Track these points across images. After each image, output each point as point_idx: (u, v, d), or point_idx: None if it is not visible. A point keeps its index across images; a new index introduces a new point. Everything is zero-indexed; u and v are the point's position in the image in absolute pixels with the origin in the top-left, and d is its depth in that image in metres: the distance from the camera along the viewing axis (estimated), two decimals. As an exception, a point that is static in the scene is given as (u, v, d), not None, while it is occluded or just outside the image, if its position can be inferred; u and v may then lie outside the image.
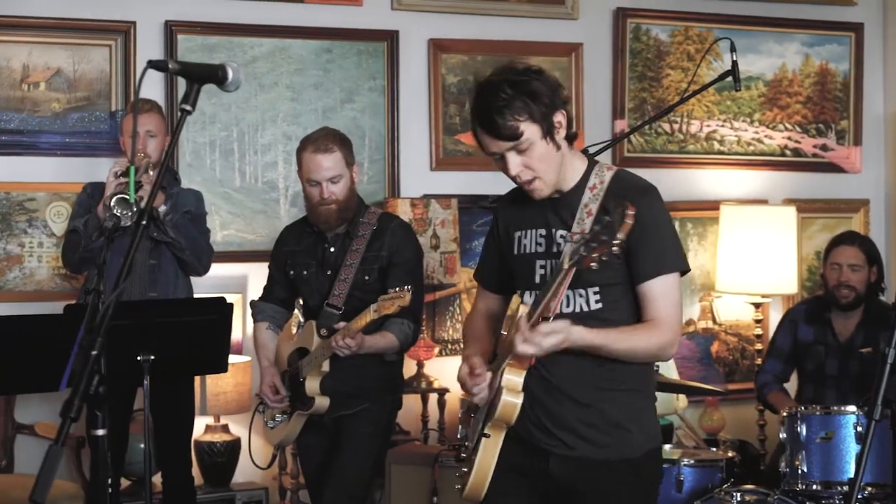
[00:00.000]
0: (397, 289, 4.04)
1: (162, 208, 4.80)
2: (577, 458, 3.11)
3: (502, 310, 3.34)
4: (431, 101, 6.22)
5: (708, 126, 6.72)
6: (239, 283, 5.87)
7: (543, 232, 3.15)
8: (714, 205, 6.56)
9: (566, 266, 2.86)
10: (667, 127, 6.62)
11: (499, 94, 2.96)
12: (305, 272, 4.48)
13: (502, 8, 6.32)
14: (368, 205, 4.62)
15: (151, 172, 4.77)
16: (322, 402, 4.31)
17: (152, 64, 2.27)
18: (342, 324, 4.18)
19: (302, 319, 4.98)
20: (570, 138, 3.11)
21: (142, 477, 5.46)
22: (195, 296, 5.05)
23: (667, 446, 5.17)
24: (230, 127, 5.91)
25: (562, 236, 3.09)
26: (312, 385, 4.32)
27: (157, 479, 5.41)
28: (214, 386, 5.53)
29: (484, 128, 3.02)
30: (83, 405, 2.06)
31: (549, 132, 3.00)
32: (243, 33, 5.93)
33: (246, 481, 5.77)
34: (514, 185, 3.21)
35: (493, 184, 6.19)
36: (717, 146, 6.74)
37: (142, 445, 5.44)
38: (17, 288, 5.62)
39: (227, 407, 5.59)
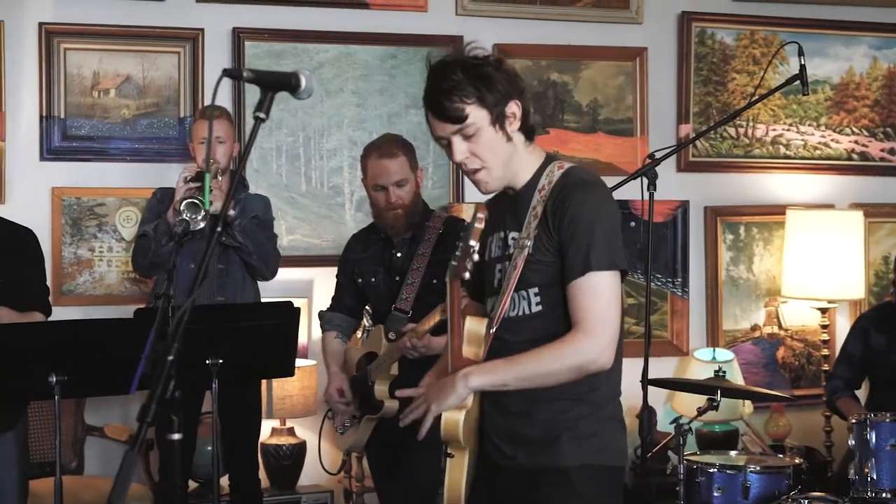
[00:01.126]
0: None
1: (231, 213, 4.85)
2: (516, 467, 2.95)
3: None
4: (489, 106, 6.21)
5: (774, 130, 6.68)
6: (305, 287, 5.92)
7: (502, 235, 3.03)
8: (780, 209, 6.51)
9: (446, 279, 2.87)
10: (732, 131, 6.58)
11: (448, 76, 2.86)
12: (373, 279, 4.49)
13: (567, 13, 6.32)
14: (433, 209, 4.63)
15: (220, 178, 4.83)
16: (391, 406, 4.31)
17: (227, 72, 2.30)
18: (410, 326, 4.19)
19: (367, 323, 5.01)
20: (528, 133, 2.96)
21: (209, 479, 5.51)
22: (262, 300, 5.10)
23: (732, 452, 5.15)
24: (296, 132, 5.96)
25: (513, 238, 2.96)
26: (381, 389, 4.33)
27: (223, 481, 5.47)
28: (280, 390, 5.58)
29: (431, 109, 2.91)
30: (159, 410, 2.07)
31: (498, 120, 2.85)
32: (309, 40, 5.98)
33: (311, 484, 5.81)
34: None
35: (558, 188, 6.25)
36: (783, 150, 6.69)
37: (209, 448, 5.51)
38: (87, 292, 5.70)
39: (293, 410, 5.64)
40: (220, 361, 4.25)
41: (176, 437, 2.12)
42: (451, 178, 6.12)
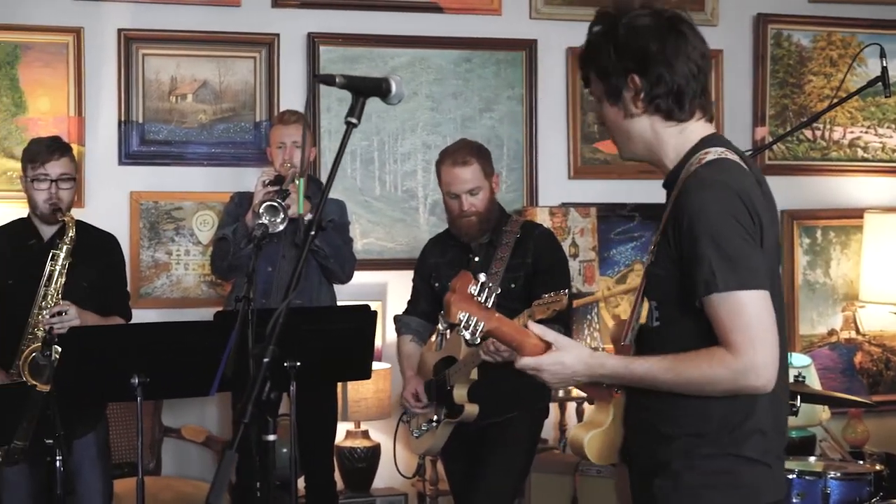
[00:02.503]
0: (553, 293, 3.95)
1: (308, 217, 4.87)
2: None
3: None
4: (570, 110, 6.23)
5: (851, 133, 6.60)
6: (379, 290, 5.94)
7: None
8: (858, 213, 6.44)
9: None
10: (809, 134, 6.52)
11: (587, 41, 2.65)
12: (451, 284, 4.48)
13: (641, 15, 6.28)
14: (510, 214, 4.62)
15: (297, 182, 4.86)
16: (471, 410, 4.31)
17: (319, 78, 2.33)
18: None
19: (440, 327, 5.00)
20: (668, 112, 2.57)
21: (285, 481, 5.54)
22: (337, 304, 5.12)
23: (811, 458, 5.09)
24: (371, 136, 5.98)
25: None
26: (461, 393, 4.32)
27: (300, 483, 5.50)
28: (355, 392, 5.60)
29: None
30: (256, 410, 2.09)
31: (611, 95, 2.59)
32: (383, 44, 6.01)
33: (385, 487, 5.82)
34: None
35: (632, 192, 6.23)
36: (860, 153, 6.61)
37: (285, 450, 5.55)
38: (165, 295, 5.77)
39: (368, 413, 5.66)
40: (298, 364, 4.27)
41: (272, 437, 2.12)
42: (525, 181, 6.11)
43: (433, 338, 4.89)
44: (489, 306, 2.65)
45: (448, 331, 4.59)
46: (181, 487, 5.41)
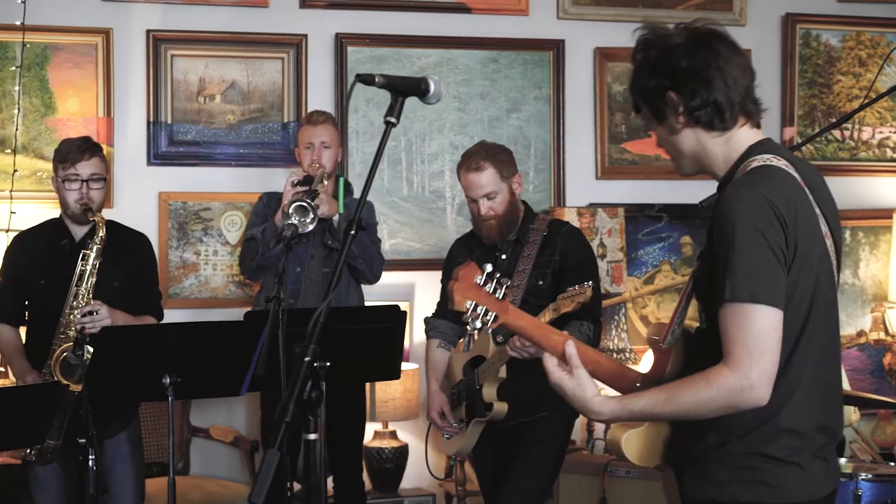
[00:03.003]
0: (577, 286, 3.97)
1: (336, 217, 4.88)
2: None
3: None
4: (597, 110, 6.21)
5: (881, 133, 6.57)
6: (406, 291, 5.94)
7: None
8: (887, 213, 6.41)
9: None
10: (837, 134, 6.49)
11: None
12: None
13: (669, 15, 6.28)
14: (537, 213, 4.61)
15: (326, 182, 4.87)
16: (500, 408, 4.30)
17: (360, 78, 2.32)
18: None
19: (469, 327, 4.99)
20: (710, 122, 2.63)
21: (314, 481, 5.56)
22: (365, 304, 5.12)
23: (842, 460, 5.06)
24: (398, 137, 5.98)
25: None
26: (490, 392, 4.32)
27: (328, 483, 5.51)
28: (383, 393, 5.61)
29: None
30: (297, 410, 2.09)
31: (656, 115, 2.69)
32: (411, 44, 6.01)
33: (413, 487, 5.83)
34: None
35: (660, 192, 6.22)
36: (889, 153, 6.58)
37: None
38: (193, 295, 5.78)
39: (396, 413, 5.66)
40: (328, 364, 4.26)
41: (312, 437, 2.12)
42: (553, 182, 6.11)
43: (462, 339, 4.89)
44: (500, 298, 2.69)
45: (476, 331, 4.58)
46: (210, 487, 5.42)
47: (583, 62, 6.21)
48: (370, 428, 5.61)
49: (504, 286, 2.72)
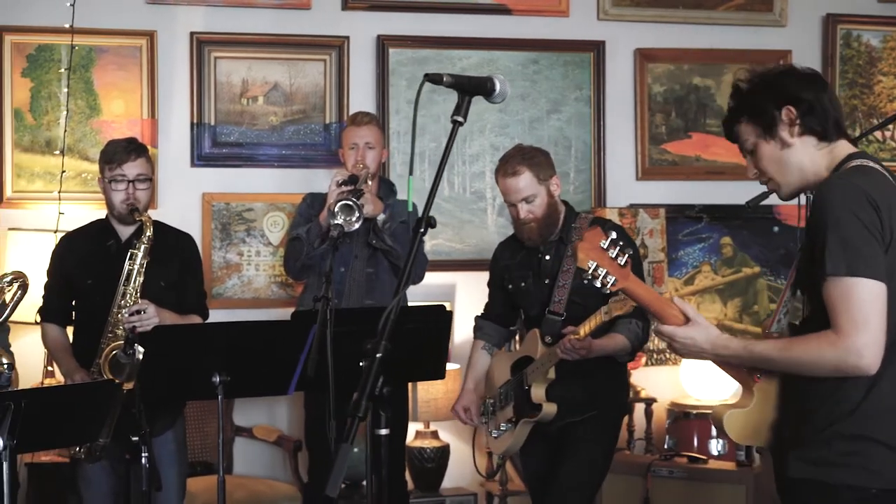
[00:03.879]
0: None
1: (381, 217, 4.91)
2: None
3: None
4: (637, 111, 6.22)
5: (922, 133, 6.56)
6: (447, 291, 5.96)
7: None
8: (928, 214, 6.37)
9: None
10: (878, 134, 6.47)
11: (730, 98, 3.01)
12: (523, 284, 4.50)
13: (709, 16, 6.28)
14: (578, 212, 4.61)
15: (370, 183, 4.89)
16: (550, 409, 4.31)
17: (429, 77, 2.37)
18: (570, 328, 4.18)
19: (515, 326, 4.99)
20: (822, 134, 2.88)
21: (355, 481, 5.59)
22: (408, 304, 5.14)
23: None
24: (439, 138, 6.01)
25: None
26: (538, 392, 4.32)
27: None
28: (425, 393, 5.63)
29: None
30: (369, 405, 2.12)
31: (767, 131, 2.90)
32: (452, 46, 6.04)
33: (454, 487, 5.85)
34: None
35: (700, 193, 6.22)
36: (930, 154, 6.57)
37: (355, 450, 5.58)
38: (236, 295, 5.82)
39: (437, 413, 5.68)
40: (374, 364, 4.29)
41: (384, 432, 2.14)
42: (593, 182, 6.12)
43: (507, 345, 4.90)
44: (622, 265, 2.89)
45: (523, 329, 4.60)
46: (254, 486, 5.46)
47: (623, 63, 6.22)
48: (412, 428, 5.64)
49: (627, 255, 2.91)
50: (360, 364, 4.21)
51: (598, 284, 2.90)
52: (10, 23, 5.62)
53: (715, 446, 5.60)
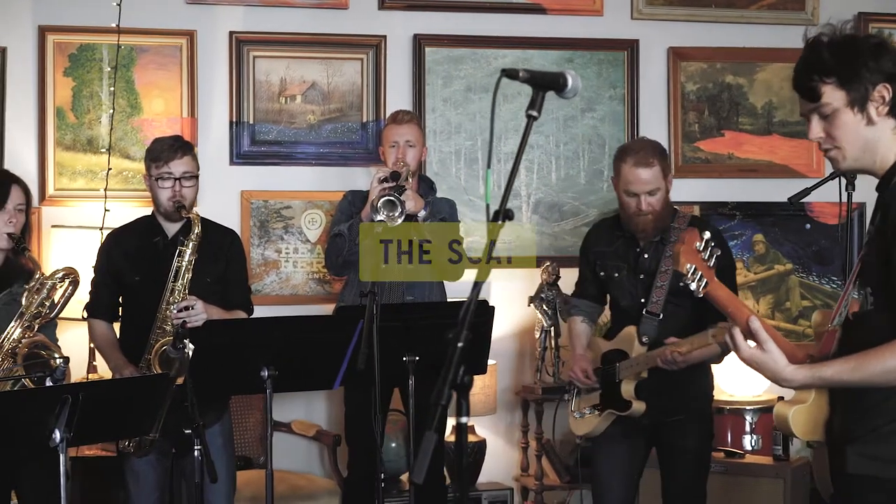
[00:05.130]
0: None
1: (421, 214, 4.95)
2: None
3: None
4: (671, 109, 6.26)
5: (953, 131, 6.56)
6: (483, 288, 5.97)
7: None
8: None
9: None
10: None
11: (814, 53, 2.90)
12: (616, 274, 4.55)
13: (741, 15, 6.32)
14: (677, 209, 4.64)
15: (410, 180, 4.95)
16: (638, 407, 4.38)
17: (506, 72, 2.42)
18: (674, 340, 4.15)
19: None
20: None
21: (394, 475, 5.65)
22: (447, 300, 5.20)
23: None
24: (474, 136, 6.06)
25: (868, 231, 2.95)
26: (628, 389, 4.39)
27: (408, 477, 5.59)
28: (462, 388, 5.66)
29: (794, 84, 2.96)
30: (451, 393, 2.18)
31: (857, 102, 2.78)
32: (487, 45, 6.09)
33: (490, 481, 5.90)
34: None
35: (733, 190, 6.26)
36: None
37: (393, 445, 5.65)
38: (274, 292, 5.88)
39: (474, 408, 5.72)
40: (417, 358, 4.36)
41: (464, 420, 2.19)
42: (629, 180, 6.16)
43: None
44: (710, 266, 2.97)
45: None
46: (294, 480, 5.52)
47: (657, 62, 6.27)
48: (448, 423, 5.68)
49: (714, 256, 3.01)
50: (404, 359, 4.35)
51: (693, 287, 2.95)
52: (52, 23, 5.70)
53: (749, 441, 5.66)
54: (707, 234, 2.94)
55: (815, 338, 3.09)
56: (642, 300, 4.46)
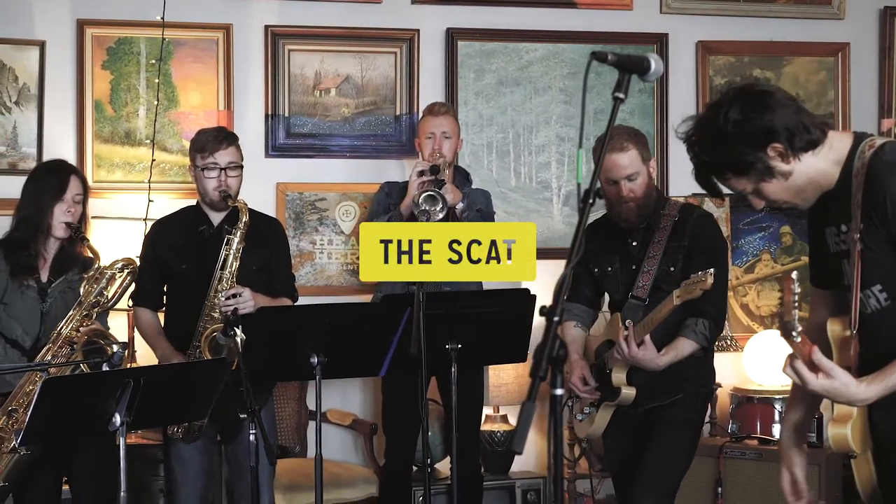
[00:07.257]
0: (700, 273, 4.02)
1: (459, 205, 5.00)
2: None
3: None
4: (699, 102, 6.32)
5: (977, 124, 6.64)
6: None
7: (835, 229, 2.96)
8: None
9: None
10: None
11: (695, 156, 2.90)
12: (610, 268, 4.54)
13: (769, 9, 6.39)
14: (668, 197, 4.67)
15: (447, 171, 5.01)
16: (628, 394, 4.37)
17: (595, 56, 2.49)
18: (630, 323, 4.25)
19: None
20: (810, 144, 2.79)
21: (428, 463, 5.70)
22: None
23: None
24: (506, 129, 6.13)
25: (843, 231, 2.91)
26: (619, 376, 4.39)
27: (443, 465, 5.65)
28: (496, 377, 5.74)
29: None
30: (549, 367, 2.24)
31: (763, 174, 2.79)
32: (518, 39, 6.16)
33: (523, 470, 5.95)
34: None
35: (762, 183, 6.31)
36: None
37: (430, 433, 5.69)
38: (309, 283, 5.94)
39: (508, 398, 5.79)
40: (459, 346, 4.41)
41: (559, 391, 2.24)
42: (658, 173, 6.21)
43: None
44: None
45: (608, 312, 4.69)
46: (331, 469, 5.55)
47: (686, 56, 6.33)
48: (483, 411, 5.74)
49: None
50: (447, 347, 4.38)
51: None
52: (90, 16, 5.76)
53: (779, 430, 5.71)
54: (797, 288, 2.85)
55: (835, 347, 2.98)
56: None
